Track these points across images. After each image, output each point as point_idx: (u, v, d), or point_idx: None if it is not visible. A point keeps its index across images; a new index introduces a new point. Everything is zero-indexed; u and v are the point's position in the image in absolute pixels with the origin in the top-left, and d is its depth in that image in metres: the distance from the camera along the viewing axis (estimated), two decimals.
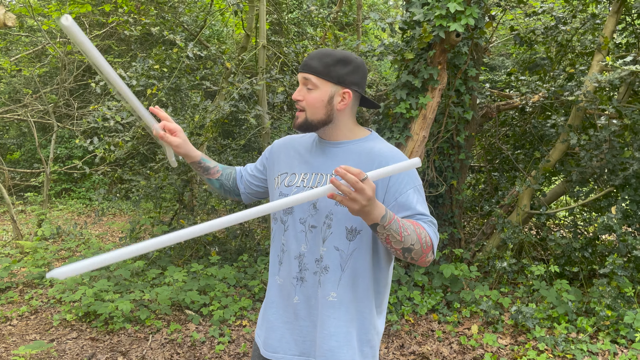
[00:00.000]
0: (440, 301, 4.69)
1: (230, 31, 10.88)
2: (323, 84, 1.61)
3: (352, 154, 1.67)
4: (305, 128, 1.65)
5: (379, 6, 14.51)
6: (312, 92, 1.62)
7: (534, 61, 6.27)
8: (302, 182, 1.69)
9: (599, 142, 4.78)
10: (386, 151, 1.66)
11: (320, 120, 1.64)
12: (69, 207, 9.54)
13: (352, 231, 1.61)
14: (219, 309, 4.53)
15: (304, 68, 1.63)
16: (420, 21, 4.31)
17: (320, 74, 1.60)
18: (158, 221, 5.83)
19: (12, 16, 3.01)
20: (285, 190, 1.73)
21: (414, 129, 4.53)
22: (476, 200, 6.52)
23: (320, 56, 1.62)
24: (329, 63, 1.61)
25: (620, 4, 4.95)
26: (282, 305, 1.71)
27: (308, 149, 1.77)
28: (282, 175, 1.78)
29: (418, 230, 1.49)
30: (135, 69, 5.35)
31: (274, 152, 1.86)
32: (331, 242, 1.61)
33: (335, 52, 1.63)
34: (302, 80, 1.63)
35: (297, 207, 1.67)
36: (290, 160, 1.78)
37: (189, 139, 5.02)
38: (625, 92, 5.31)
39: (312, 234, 1.64)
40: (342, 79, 1.62)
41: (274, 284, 1.74)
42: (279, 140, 1.91)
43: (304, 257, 1.65)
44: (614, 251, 4.66)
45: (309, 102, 1.62)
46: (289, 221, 1.69)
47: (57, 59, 7.57)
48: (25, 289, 5.04)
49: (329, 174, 1.66)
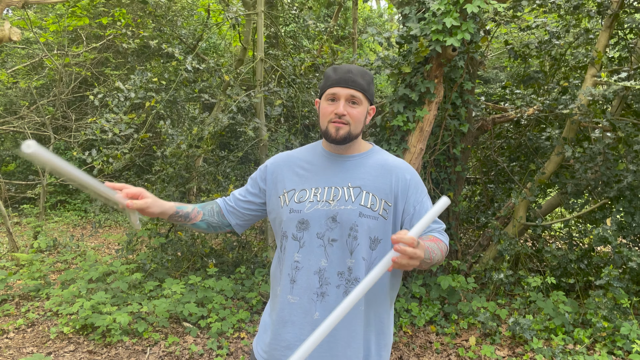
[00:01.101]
0: (438, 313, 4.70)
1: (226, 44, 10.96)
2: (365, 100, 1.71)
3: (366, 167, 1.74)
4: (347, 140, 1.70)
5: (373, 19, 14.66)
6: (357, 107, 1.69)
7: (528, 74, 6.35)
8: (314, 197, 1.70)
9: (593, 155, 4.84)
10: (398, 163, 1.77)
11: (357, 134, 1.72)
12: (64, 219, 9.51)
13: (375, 240, 1.67)
14: (217, 321, 4.52)
15: (352, 84, 1.67)
16: (417, 35, 4.37)
17: (365, 91, 1.69)
18: (155, 233, 5.82)
19: (17, 31, 3.04)
20: (296, 206, 1.71)
21: (411, 141, 4.57)
22: (472, 212, 6.56)
23: (361, 73, 1.69)
24: (369, 81, 1.70)
25: (613, 19, 5.04)
26: (299, 323, 1.69)
27: (315, 164, 1.78)
28: (289, 192, 1.76)
29: (439, 245, 1.61)
30: (133, 81, 5.38)
31: (274, 172, 1.83)
32: (359, 253, 1.65)
33: (365, 70, 1.72)
34: (347, 96, 1.67)
35: (314, 221, 1.68)
36: (297, 176, 1.78)
37: (188, 152, 5.05)
38: (618, 106, 5.38)
39: (333, 248, 1.66)
40: (373, 96, 1.74)
41: (286, 302, 1.71)
42: (273, 159, 1.88)
43: (324, 272, 1.66)
44: (610, 263, 4.70)
45: (354, 116, 1.68)
46: (304, 237, 1.69)
47: (55, 71, 7.59)
48: (22, 302, 5.02)
49: (345, 187, 1.70)
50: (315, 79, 6.13)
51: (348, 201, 1.67)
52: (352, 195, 1.68)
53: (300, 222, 1.70)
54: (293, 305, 1.69)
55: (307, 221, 1.68)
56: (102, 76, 9.57)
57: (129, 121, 5.15)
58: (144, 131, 5.27)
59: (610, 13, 5.01)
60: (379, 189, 1.69)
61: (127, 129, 5.13)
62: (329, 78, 1.70)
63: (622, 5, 5.05)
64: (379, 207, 1.67)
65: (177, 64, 5.75)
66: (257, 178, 1.87)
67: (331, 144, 1.73)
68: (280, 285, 1.74)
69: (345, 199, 1.67)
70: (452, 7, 4.07)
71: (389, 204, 1.68)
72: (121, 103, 5.23)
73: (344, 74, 1.67)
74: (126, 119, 5.13)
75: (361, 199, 1.67)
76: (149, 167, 10.49)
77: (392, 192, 1.69)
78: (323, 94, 1.72)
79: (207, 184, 5.97)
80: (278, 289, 1.76)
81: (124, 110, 5.23)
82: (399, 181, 1.71)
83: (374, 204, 1.67)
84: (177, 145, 4.86)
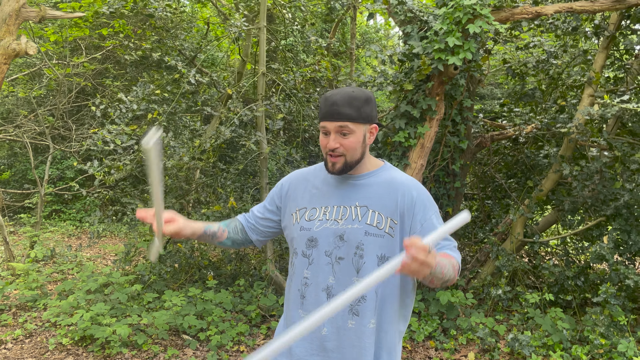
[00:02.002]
0: (437, 328, 4.72)
1: (225, 57, 11.03)
2: (358, 127, 1.68)
3: (374, 185, 1.75)
4: (345, 171, 1.71)
5: (370, 35, 14.81)
6: (349, 137, 1.68)
7: (525, 93, 6.45)
8: (324, 216, 1.75)
9: (590, 173, 4.91)
10: (405, 180, 1.77)
11: (357, 160, 1.72)
12: (60, 228, 9.46)
13: (383, 258, 1.68)
14: (216, 334, 4.51)
15: (337, 117, 1.66)
16: (419, 54, 4.45)
17: (355, 119, 1.66)
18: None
19: (33, 45, 3.07)
20: (306, 224, 1.76)
21: (412, 157, 4.63)
22: (469, 227, 6.61)
23: (348, 101, 1.66)
24: (359, 106, 1.67)
25: (610, 40, 5.15)
26: (308, 338, 1.73)
27: (326, 182, 1.82)
28: (300, 210, 1.81)
29: (452, 262, 1.61)
30: (135, 93, 5.41)
31: (289, 189, 1.89)
32: (365, 272, 1.66)
33: (356, 92, 1.69)
34: (335, 128, 1.67)
35: (322, 239, 1.72)
36: (308, 195, 1.83)
37: (189, 164, 5.08)
38: (613, 125, 5.48)
39: (340, 266, 1.69)
40: (369, 116, 1.71)
41: (297, 317, 1.75)
42: (289, 177, 1.94)
43: (332, 289, 1.69)
44: (606, 280, 4.75)
45: (347, 147, 1.68)
46: (313, 254, 1.73)
47: (56, 81, 7.61)
48: (19, 312, 4.99)
49: (352, 206, 1.73)
50: (316, 93, 6.19)
51: (355, 220, 1.70)
52: (358, 214, 1.71)
53: (309, 239, 1.74)
54: (303, 320, 1.72)
55: (316, 239, 1.73)
56: (101, 86, 9.59)
57: (131, 132, 5.17)
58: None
59: (607, 34, 5.12)
60: (385, 207, 1.71)
61: (129, 140, 5.15)
62: (320, 109, 1.72)
63: (619, 27, 5.17)
64: (385, 225, 1.69)
65: (180, 76, 5.78)
66: (274, 195, 1.93)
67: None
68: (292, 300, 1.79)
69: (353, 217, 1.71)
70: (455, 27, 4.15)
71: (395, 222, 1.69)
72: (123, 114, 5.26)
73: (330, 107, 1.66)
74: (128, 130, 5.15)
75: (367, 217, 1.70)
76: (144, 177, 10.47)
77: (397, 209, 1.70)
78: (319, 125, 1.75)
79: (206, 196, 5.99)
80: (290, 303, 1.81)
81: (125, 122, 5.26)
82: (404, 198, 1.71)
83: (380, 222, 1.69)
84: (180, 157, 4.89)
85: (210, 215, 5.29)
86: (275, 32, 7.75)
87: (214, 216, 5.33)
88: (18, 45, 2.90)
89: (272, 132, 6.12)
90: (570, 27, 5.23)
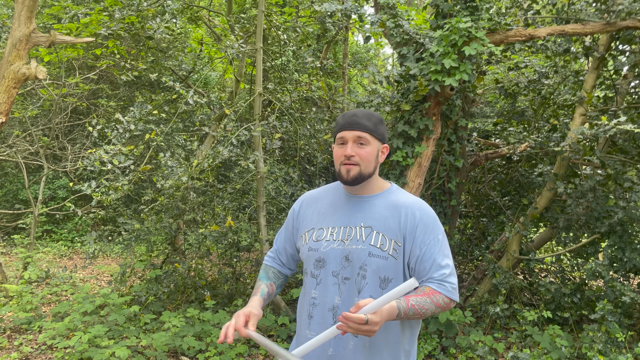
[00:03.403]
0: (436, 347, 4.73)
1: (218, 76, 11.11)
2: (373, 140, 1.77)
3: (379, 207, 1.79)
4: (359, 180, 1.75)
5: (361, 54, 15.00)
6: (365, 147, 1.74)
7: (517, 112, 6.57)
8: (331, 236, 1.78)
9: (584, 191, 4.99)
10: (410, 201, 1.80)
11: (369, 174, 1.77)
12: (52, 249, 9.36)
13: (385, 280, 1.70)
14: (216, 355, 4.48)
15: (356, 127, 1.74)
16: (415, 75, 4.53)
17: (372, 131, 1.75)
18: (149, 265, 5.79)
19: (42, 69, 3.09)
20: (314, 245, 1.80)
21: (409, 176, 4.68)
22: (464, 245, 6.65)
23: (367, 116, 1.76)
24: (376, 122, 1.77)
25: (600, 61, 5.28)
26: (314, 357, 1.75)
27: (334, 204, 1.86)
28: (309, 231, 1.85)
29: (435, 299, 1.65)
30: (133, 113, 5.43)
31: (300, 210, 1.95)
32: (367, 292, 1.69)
33: (372, 112, 1.78)
34: (354, 137, 1.74)
35: (330, 260, 1.75)
36: (317, 215, 1.87)
37: (188, 184, 5.08)
38: (604, 143, 5.59)
39: (346, 286, 1.72)
40: (383, 136, 1.80)
41: (304, 337, 1.78)
42: (301, 200, 1.99)
43: (338, 309, 1.72)
44: (602, 297, 4.81)
45: (363, 156, 1.74)
46: (321, 275, 1.77)
47: (50, 101, 7.61)
48: (14, 335, 4.92)
49: (357, 227, 1.76)
50: (312, 112, 6.25)
51: (359, 241, 1.73)
52: (363, 235, 1.74)
53: (317, 260, 1.78)
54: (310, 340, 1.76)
55: (324, 259, 1.76)
56: (95, 106, 9.59)
57: (128, 153, 5.18)
58: (144, 163, 5.30)
59: (597, 55, 5.25)
60: (389, 228, 1.73)
61: (126, 161, 5.15)
62: (338, 123, 1.79)
63: (609, 48, 5.30)
64: (389, 247, 1.71)
65: (178, 97, 5.82)
66: (289, 221, 1.98)
67: (349, 186, 1.81)
68: (301, 320, 1.83)
69: (357, 238, 1.74)
70: (451, 49, 4.24)
71: (398, 244, 1.72)
72: (120, 135, 5.27)
73: (350, 118, 1.75)
74: (125, 150, 5.16)
75: (371, 238, 1.72)
76: (137, 196, 10.43)
77: (400, 231, 1.73)
78: (335, 139, 1.81)
79: (202, 216, 5.99)
80: (301, 322, 1.84)
81: (122, 142, 5.26)
82: (407, 220, 1.73)
83: (384, 244, 1.71)
84: (179, 177, 4.90)
85: (207, 235, 5.28)
86: (270, 52, 7.84)
87: (212, 236, 5.32)
88: (28, 69, 2.92)
89: (269, 151, 6.16)
90: (561, 49, 5.36)
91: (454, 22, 4.17)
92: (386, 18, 4.80)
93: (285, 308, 5.42)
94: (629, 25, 4.59)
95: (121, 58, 7.16)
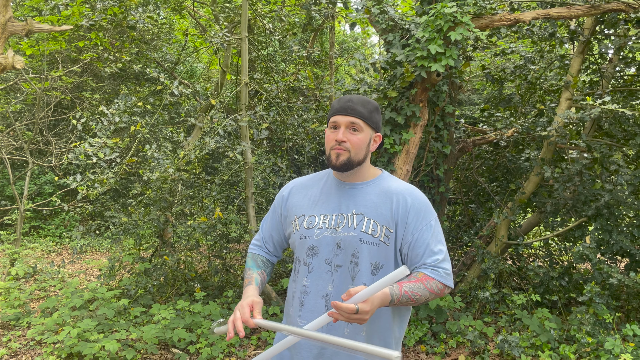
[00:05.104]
0: (426, 332, 4.75)
1: (204, 68, 11.00)
2: (366, 128, 1.74)
3: (371, 194, 1.77)
4: (348, 167, 1.73)
5: (348, 44, 14.94)
6: (357, 134, 1.72)
7: (504, 98, 6.58)
8: (323, 224, 1.76)
9: (571, 175, 5.02)
10: (401, 188, 1.78)
11: (359, 161, 1.74)
12: (39, 245, 9.27)
13: (376, 266, 1.69)
14: (207, 346, 4.47)
15: (351, 112, 1.71)
16: (401, 61, 4.51)
17: (366, 118, 1.73)
18: (138, 258, 5.75)
19: (20, 59, 3.02)
20: (306, 232, 1.78)
21: (397, 163, 4.67)
22: (453, 232, 6.68)
23: (362, 102, 1.73)
24: (371, 110, 1.74)
25: (585, 45, 5.29)
26: (306, 346, 1.75)
27: (325, 191, 1.84)
28: (299, 218, 1.83)
29: (428, 285, 1.64)
30: (117, 105, 5.36)
31: (290, 197, 1.92)
32: (360, 279, 1.69)
33: (368, 99, 1.76)
34: (347, 123, 1.72)
35: (323, 247, 1.74)
36: (307, 202, 1.84)
37: (174, 176, 5.04)
38: (590, 127, 5.62)
39: (339, 274, 1.71)
40: (377, 124, 1.78)
41: (295, 325, 1.77)
42: (289, 186, 1.96)
43: (330, 297, 1.71)
44: (590, 279, 4.85)
45: (354, 143, 1.72)
46: (313, 262, 1.75)
47: (34, 95, 7.49)
48: (2, 331, 4.87)
49: (349, 214, 1.74)
50: (299, 102, 6.21)
51: (350, 228, 1.72)
52: (354, 222, 1.72)
53: (309, 248, 1.76)
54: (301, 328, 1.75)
55: (316, 247, 1.75)
56: (79, 100, 9.47)
57: (113, 145, 5.12)
58: (130, 155, 5.24)
59: (582, 39, 5.26)
60: (380, 215, 1.72)
61: (112, 153, 5.09)
62: (333, 107, 1.77)
63: (594, 32, 5.31)
64: (380, 233, 1.70)
65: (163, 88, 5.75)
66: (277, 207, 1.95)
67: (337, 171, 1.79)
68: (292, 307, 1.81)
69: (349, 225, 1.72)
70: (436, 34, 4.22)
71: (390, 230, 1.71)
72: (105, 127, 5.20)
73: (345, 103, 1.73)
74: (110, 143, 5.10)
75: (362, 225, 1.71)
76: (125, 190, 10.35)
77: (392, 218, 1.72)
78: (328, 122, 1.79)
79: (190, 208, 5.95)
80: (290, 309, 1.83)
81: (107, 135, 5.20)
82: (399, 206, 1.72)
83: (375, 230, 1.70)
84: (165, 169, 4.85)
85: (196, 227, 5.25)
86: (255, 42, 7.78)
87: (201, 228, 5.29)
88: (5, 59, 2.86)
89: (256, 141, 6.13)
90: (547, 34, 5.36)
91: (439, 8, 4.15)
92: (371, 4, 4.77)
93: (276, 298, 5.41)
94: (613, 7, 4.60)
95: (105, 50, 7.06)
